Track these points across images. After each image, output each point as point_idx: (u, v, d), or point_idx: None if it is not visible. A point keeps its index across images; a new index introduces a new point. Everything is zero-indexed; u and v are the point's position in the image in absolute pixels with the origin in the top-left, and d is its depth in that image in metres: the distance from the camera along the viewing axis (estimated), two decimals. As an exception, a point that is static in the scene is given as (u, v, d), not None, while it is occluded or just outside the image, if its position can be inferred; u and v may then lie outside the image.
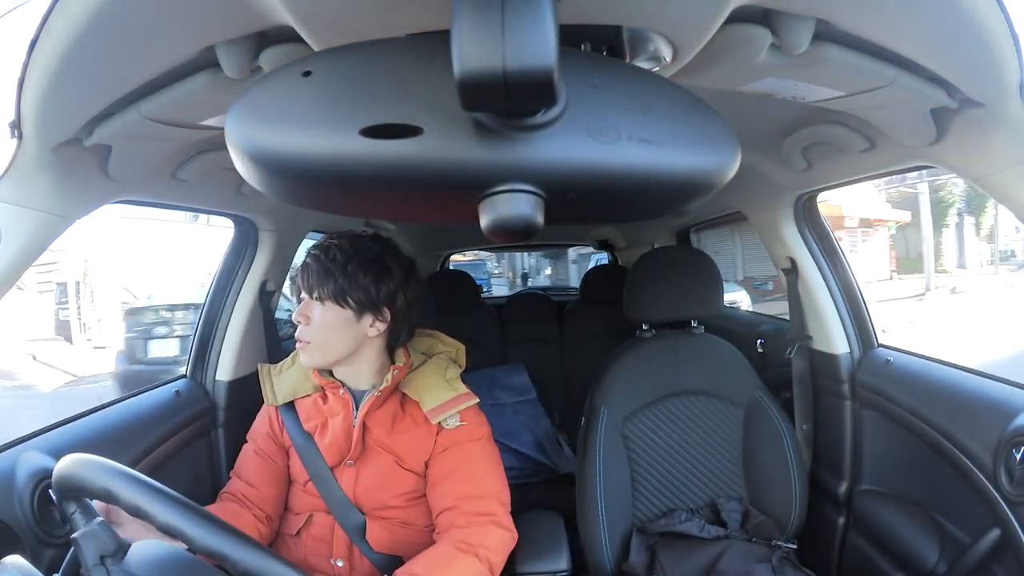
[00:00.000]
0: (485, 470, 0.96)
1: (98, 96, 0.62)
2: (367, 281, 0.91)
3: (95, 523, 0.57)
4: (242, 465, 1.02)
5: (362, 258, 0.92)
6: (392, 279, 0.94)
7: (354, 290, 0.91)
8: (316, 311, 0.91)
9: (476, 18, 0.29)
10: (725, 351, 1.35)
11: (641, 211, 0.48)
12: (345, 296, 0.90)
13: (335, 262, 0.90)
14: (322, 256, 0.91)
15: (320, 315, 0.91)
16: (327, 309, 0.91)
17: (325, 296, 0.90)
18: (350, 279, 0.90)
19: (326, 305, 0.91)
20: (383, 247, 0.95)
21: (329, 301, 0.91)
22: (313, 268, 0.91)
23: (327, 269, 0.90)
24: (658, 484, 1.29)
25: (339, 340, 0.93)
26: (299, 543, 0.97)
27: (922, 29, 0.56)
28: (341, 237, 0.94)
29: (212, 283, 1.38)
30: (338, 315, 0.91)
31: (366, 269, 0.91)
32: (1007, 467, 0.88)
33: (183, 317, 5.01)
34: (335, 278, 0.90)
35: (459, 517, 0.91)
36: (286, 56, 0.55)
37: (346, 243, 0.93)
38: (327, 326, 0.91)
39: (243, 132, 0.35)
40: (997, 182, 0.75)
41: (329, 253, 0.91)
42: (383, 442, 0.95)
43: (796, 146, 1.06)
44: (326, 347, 0.92)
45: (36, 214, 0.72)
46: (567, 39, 0.38)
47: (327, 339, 0.92)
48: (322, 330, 0.91)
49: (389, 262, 0.94)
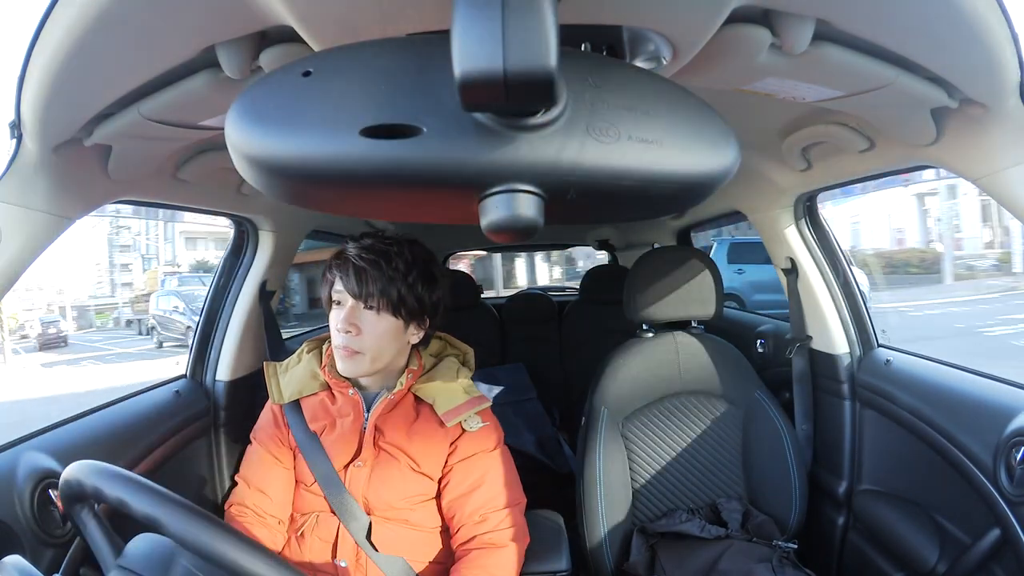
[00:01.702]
0: (505, 479, 0.96)
1: (98, 96, 0.62)
2: (423, 292, 0.90)
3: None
4: (250, 471, 1.00)
5: (420, 268, 0.90)
6: (438, 288, 0.93)
7: (411, 301, 0.89)
8: (368, 320, 0.88)
9: (476, 18, 0.29)
10: (725, 351, 1.35)
11: (641, 211, 0.48)
12: (403, 307, 0.89)
13: (398, 271, 0.88)
14: (383, 264, 0.87)
15: (373, 325, 0.88)
16: (381, 319, 0.89)
17: (383, 306, 0.88)
18: (410, 289, 0.88)
19: (381, 315, 0.88)
20: (427, 254, 0.94)
21: (386, 312, 0.88)
22: (373, 275, 0.87)
23: (390, 278, 0.87)
24: (658, 484, 1.29)
25: (390, 349, 0.91)
26: (303, 543, 0.97)
27: (922, 29, 0.56)
28: (398, 243, 0.91)
29: (212, 283, 1.38)
30: (391, 324, 0.89)
31: (423, 279, 0.90)
32: (1007, 467, 0.88)
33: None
34: (397, 288, 0.87)
35: (481, 534, 0.92)
36: (286, 56, 0.55)
37: (406, 251, 0.90)
38: (381, 336, 0.89)
39: (243, 132, 0.35)
40: (997, 182, 0.75)
41: (392, 262, 0.88)
42: (398, 445, 0.94)
43: (796, 146, 1.06)
44: (378, 357, 0.90)
45: (36, 214, 0.72)
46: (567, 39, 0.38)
47: (380, 349, 0.90)
48: (376, 340, 0.89)
49: (434, 271, 0.93)
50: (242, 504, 0.98)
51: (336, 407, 0.97)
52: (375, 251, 0.89)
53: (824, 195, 1.32)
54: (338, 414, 0.96)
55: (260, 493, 0.98)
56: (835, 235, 1.38)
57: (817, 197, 1.34)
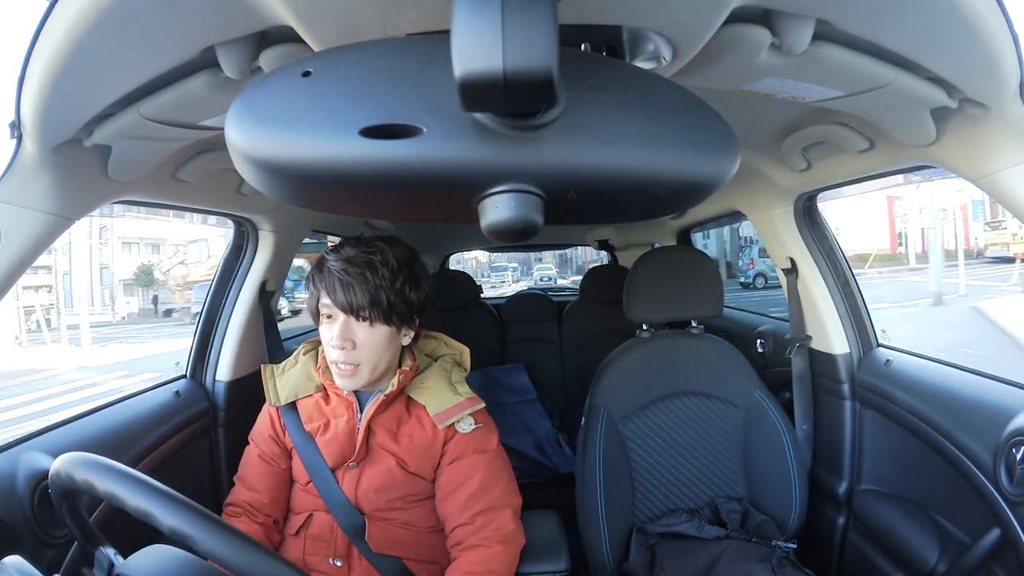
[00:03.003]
0: (497, 481, 0.96)
1: (98, 96, 0.62)
2: (411, 295, 0.89)
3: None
4: (246, 471, 1.01)
5: (406, 272, 0.89)
6: (423, 288, 0.92)
7: (401, 306, 0.88)
8: (362, 333, 0.88)
9: (476, 18, 0.29)
10: (725, 351, 1.35)
11: (641, 211, 0.48)
12: (394, 313, 0.88)
13: (384, 279, 0.86)
14: (369, 275, 0.86)
15: (368, 337, 0.88)
16: (375, 330, 0.88)
17: (376, 317, 0.87)
18: (399, 295, 0.88)
19: (375, 327, 0.88)
20: (410, 254, 0.93)
21: (378, 322, 0.87)
22: (360, 289, 0.85)
23: (377, 287, 0.86)
24: (658, 484, 1.29)
25: (385, 357, 0.92)
26: (298, 542, 0.97)
27: (922, 29, 0.56)
28: (380, 249, 0.89)
29: (212, 283, 1.38)
30: (385, 333, 0.89)
31: (409, 282, 0.89)
32: (1007, 467, 0.88)
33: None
34: (387, 297, 0.86)
35: (471, 536, 0.92)
36: (286, 56, 0.55)
37: (389, 256, 0.88)
38: (377, 346, 0.89)
39: (242, 132, 0.35)
40: (997, 182, 0.75)
41: (377, 271, 0.86)
42: (390, 445, 0.94)
43: (796, 146, 1.06)
44: (375, 367, 0.90)
45: (36, 214, 0.72)
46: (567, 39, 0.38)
47: (377, 359, 0.90)
48: (373, 351, 0.89)
49: (418, 270, 0.92)
50: (236, 504, 0.98)
51: (331, 408, 0.97)
52: (358, 263, 0.87)
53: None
54: (332, 415, 0.97)
55: (254, 493, 0.98)
56: (835, 235, 1.38)
57: (817, 197, 1.34)
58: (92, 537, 0.61)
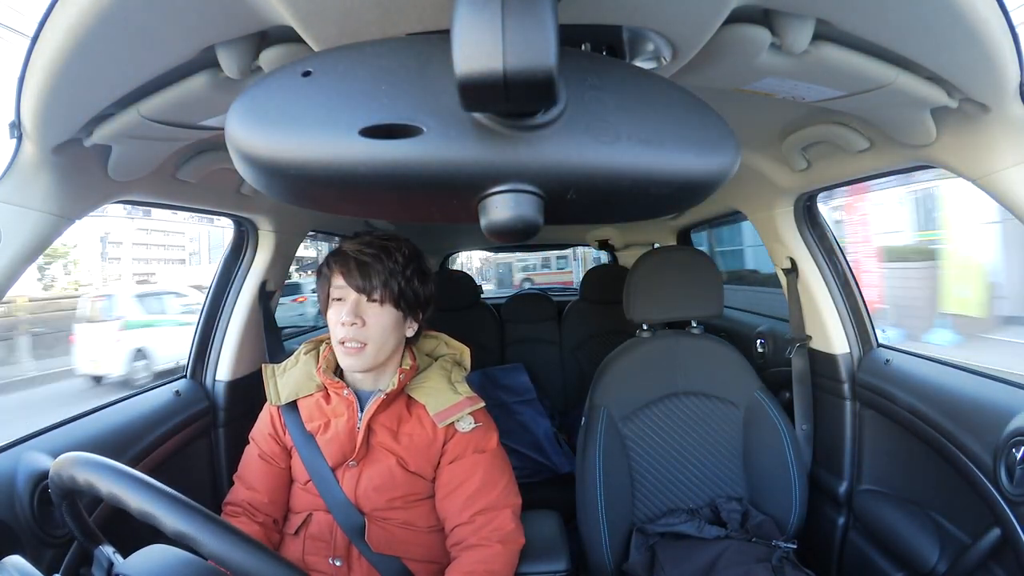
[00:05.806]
0: (497, 481, 0.96)
1: (98, 96, 0.62)
2: (419, 286, 0.94)
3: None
4: (246, 470, 1.02)
5: (415, 264, 0.95)
6: (429, 284, 0.97)
7: (410, 294, 0.93)
8: (372, 312, 0.92)
9: (476, 18, 0.29)
10: (725, 351, 1.35)
11: (641, 211, 0.48)
12: (403, 299, 0.92)
13: (397, 264, 0.92)
14: (384, 257, 0.91)
15: (377, 316, 0.92)
16: (385, 311, 0.92)
17: (386, 298, 0.91)
18: (408, 282, 0.93)
19: (384, 307, 0.92)
20: (418, 252, 0.98)
21: (388, 304, 0.92)
22: (375, 269, 0.91)
23: (391, 271, 0.91)
24: (658, 484, 1.29)
25: (391, 342, 0.94)
26: (298, 542, 0.97)
27: (922, 29, 0.56)
28: (396, 240, 0.96)
29: (212, 283, 1.38)
30: (393, 316, 0.93)
31: (418, 274, 0.94)
32: (1007, 467, 0.88)
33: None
34: (398, 281, 0.91)
35: (471, 535, 0.92)
36: (286, 56, 0.55)
37: (404, 246, 0.95)
38: (384, 327, 0.92)
39: (242, 132, 0.35)
40: (997, 182, 0.75)
41: (392, 255, 0.92)
42: (390, 444, 0.95)
43: (796, 146, 1.06)
44: (380, 349, 0.93)
45: (36, 214, 0.72)
46: (567, 39, 0.38)
47: (383, 341, 0.93)
48: (381, 331, 0.92)
49: (426, 268, 0.97)
50: (235, 503, 0.98)
51: (331, 407, 0.97)
52: (375, 246, 0.92)
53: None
54: (333, 414, 0.97)
55: (252, 491, 0.98)
56: (835, 235, 1.38)
57: (817, 197, 1.34)
58: (92, 537, 0.61)
